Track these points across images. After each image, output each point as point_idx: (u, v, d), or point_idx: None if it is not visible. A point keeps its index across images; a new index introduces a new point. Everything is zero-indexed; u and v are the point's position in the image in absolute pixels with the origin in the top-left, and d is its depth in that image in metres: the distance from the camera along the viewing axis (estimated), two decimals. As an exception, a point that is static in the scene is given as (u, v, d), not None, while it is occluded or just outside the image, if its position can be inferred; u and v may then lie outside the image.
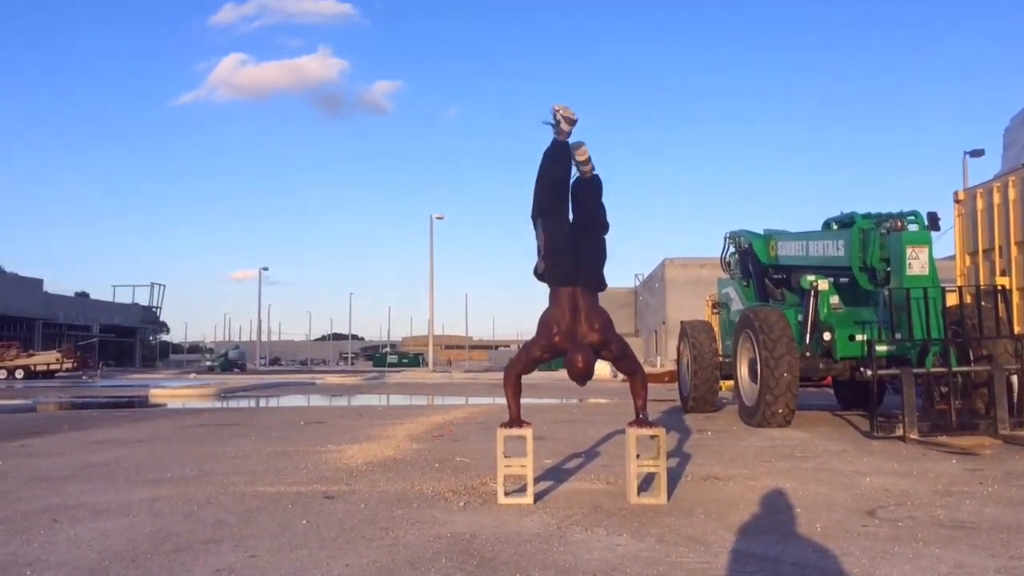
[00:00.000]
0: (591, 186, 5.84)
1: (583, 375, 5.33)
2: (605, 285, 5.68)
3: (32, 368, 41.00)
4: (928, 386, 9.26)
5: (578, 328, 5.37)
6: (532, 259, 5.72)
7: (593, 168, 5.81)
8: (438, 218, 52.60)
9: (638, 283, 64.91)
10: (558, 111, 5.60)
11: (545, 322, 5.47)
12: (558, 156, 5.71)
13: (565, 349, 5.36)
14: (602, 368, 32.78)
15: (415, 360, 78.12)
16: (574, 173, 5.79)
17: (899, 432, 8.62)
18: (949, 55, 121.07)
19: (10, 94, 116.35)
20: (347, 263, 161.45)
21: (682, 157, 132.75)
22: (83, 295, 75.09)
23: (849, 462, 7.20)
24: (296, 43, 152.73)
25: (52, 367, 41.59)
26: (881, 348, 9.55)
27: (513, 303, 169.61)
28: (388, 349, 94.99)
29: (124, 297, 77.30)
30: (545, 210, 5.68)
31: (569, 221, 5.67)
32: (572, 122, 5.63)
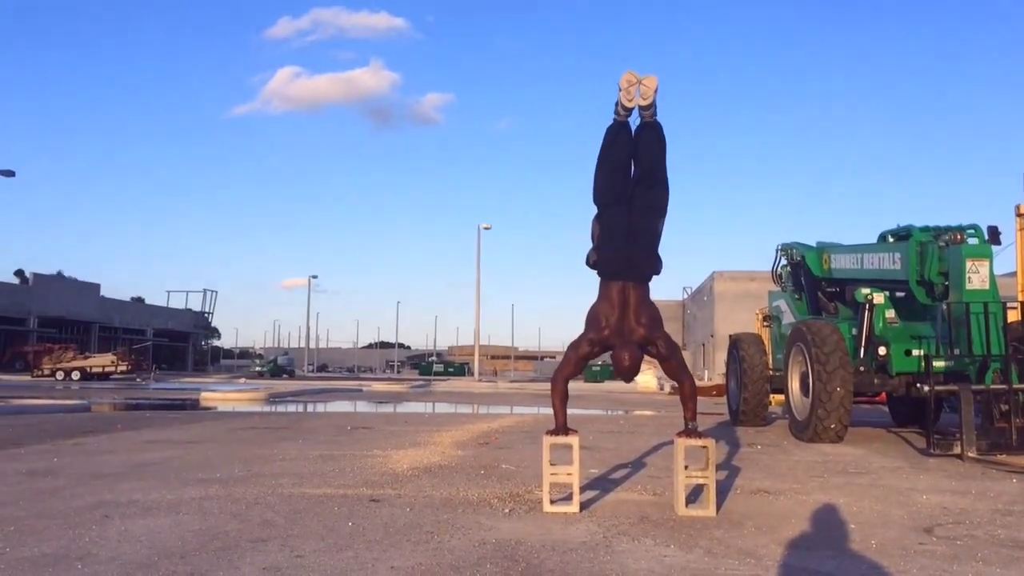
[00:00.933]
0: (652, 134, 5.56)
1: (629, 371, 5.28)
2: (660, 269, 5.50)
3: (88, 370, 41.98)
4: (987, 403, 9.00)
5: (626, 323, 5.30)
6: (579, 271, 5.67)
7: (655, 113, 5.52)
8: (485, 228, 52.66)
9: (686, 296, 64.34)
10: (620, 89, 5.42)
11: (594, 316, 5.40)
12: (616, 140, 5.57)
13: (613, 344, 5.29)
14: (649, 380, 32.61)
15: (461, 369, 78.24)
16: (636, 117, 5.57)
17: (957, 450, 8.40)
18: (1009, 67, 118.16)
19: (67, 105, 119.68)
20: (395, 272, 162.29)
21: (732, 167, 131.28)
22: (138, 300, 76.68)
23: (905, 479, 7.02)
24: (349, 56, 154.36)
25: (107, 369, 42.55)
26: (939, 364, 9.32)
27: (558, 314, 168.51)
28: (434, 358, 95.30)
29: (178, 303, 78.77)
30: (602, 202, 5.57)
31: (626, 213, 5.46)
32: (628, 109, 5.52)
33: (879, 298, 10.52)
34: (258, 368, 65.09)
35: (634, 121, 5.64)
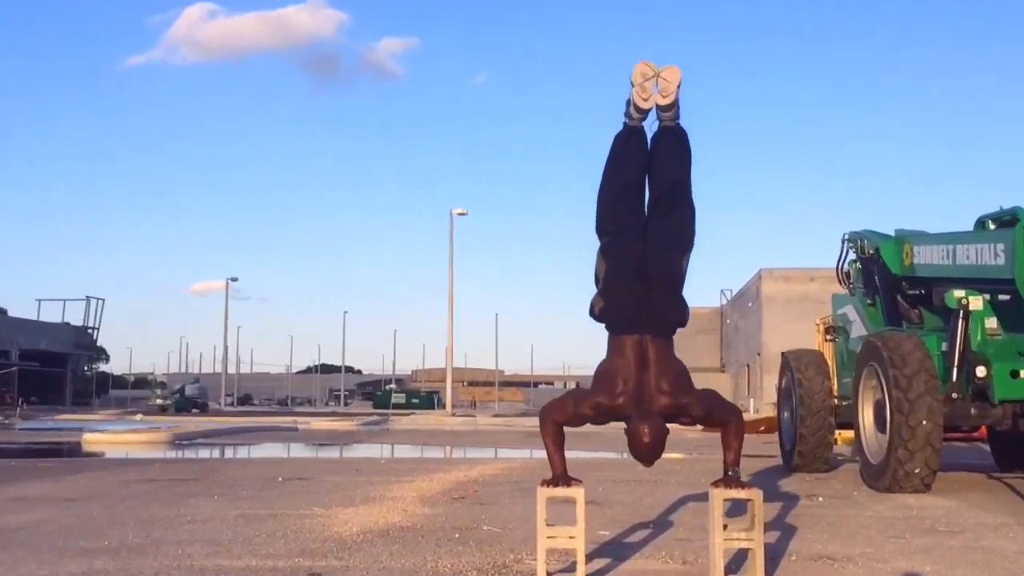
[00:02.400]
0: (673, 142, 5.51)
1: (650, 452, 5.00)
2: (687, 318, 5.38)
3: (-71, 405, 41.79)
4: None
5: (646, 388, 5.08)
6: (585, 268, 5.58)
7: (678, 115, 5.48)
8: (460, 215, 52.89)
9: (725, 301, 64.67)
10: (633, 84, 5.35)
11: (605, 374, 5.20)
12: (625, 150, 5.51)
13: (628, 415, 5.06)
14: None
15: (429, 400, 78.51)
16: (653, 122, 5.51)
17: (1079, 501, 8.46)
18: None
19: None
20: (341, 275, 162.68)
21: (783, 141, 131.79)
22: (-1, 311, 76.50)
23: (1011, 539, 7.08)
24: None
25: (-44, 404, 42.37)
26: (1056, 389, 9.38)
27: (557, 328, 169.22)
28: (393, 386, 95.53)
29: (52, 315, 78.67)
30: (608, 231, 5.46)
31: (640, 243, 5.34)
32: (643, 111, 5.44)
33: (977, 302, 10.57)
34: (159, 401, 65.22)
35: (650, 126, 5.56)
